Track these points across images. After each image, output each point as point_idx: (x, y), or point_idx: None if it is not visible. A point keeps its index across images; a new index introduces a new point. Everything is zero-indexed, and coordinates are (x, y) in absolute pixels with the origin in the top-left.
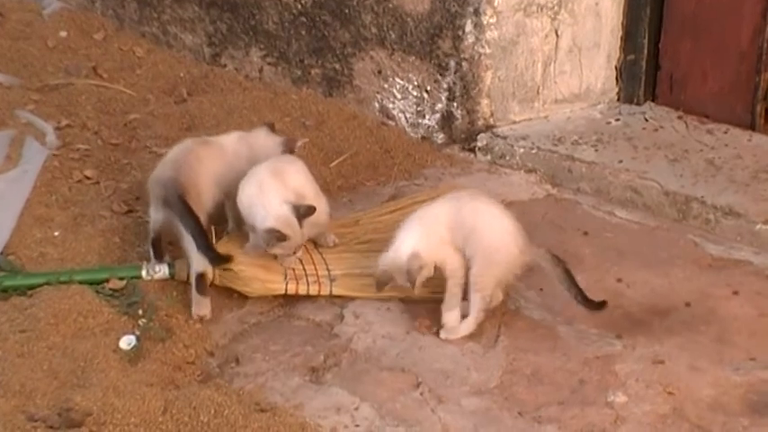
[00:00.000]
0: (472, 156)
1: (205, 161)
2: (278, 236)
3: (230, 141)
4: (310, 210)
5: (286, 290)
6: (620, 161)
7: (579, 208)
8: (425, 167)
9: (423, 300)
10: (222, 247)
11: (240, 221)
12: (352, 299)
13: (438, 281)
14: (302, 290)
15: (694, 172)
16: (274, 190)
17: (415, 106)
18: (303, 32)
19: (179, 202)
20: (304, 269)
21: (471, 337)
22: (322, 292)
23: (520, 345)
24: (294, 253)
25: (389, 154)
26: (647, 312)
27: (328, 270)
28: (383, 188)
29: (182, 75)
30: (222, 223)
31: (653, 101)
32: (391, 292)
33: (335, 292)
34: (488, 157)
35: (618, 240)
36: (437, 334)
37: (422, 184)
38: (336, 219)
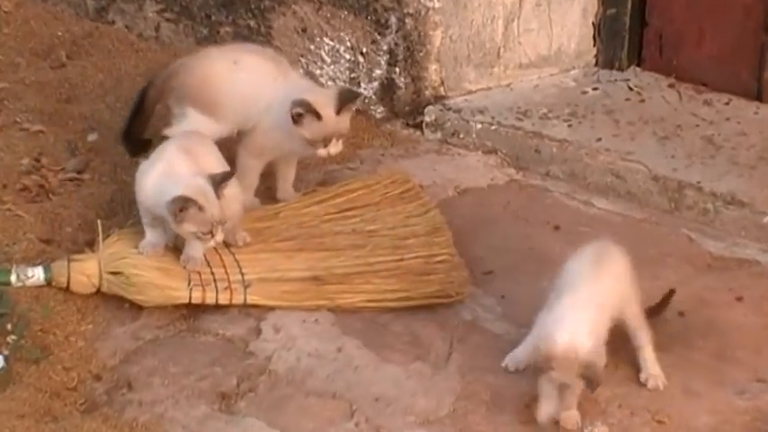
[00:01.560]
0: (418, 133)
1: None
2: (186, 204)
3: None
4: (227, 175)
5: (190, 298)
6: (599, 139)
7: (549, 196)
8: (361, 147)
9: (357, 309)
10: (111, 246)
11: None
12: (270, 309)
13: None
14: (210, 298)
15: (689, 152)
16: (186, 167)
17: (348, 72)
18: None
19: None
20: (212, 273)
21: (417, 355)
22: (234, 301)
23: (477, 363)
24: (212, 235)
25: None
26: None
27: (242, 274)
28: (309, 173)
29: (59, 33)
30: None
31: (638, 65)
32: (318, 300)
33: (250, 300)
34: (438, 134)
35: (596, 235)
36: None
37: (357, 168)
38: (251, 211)
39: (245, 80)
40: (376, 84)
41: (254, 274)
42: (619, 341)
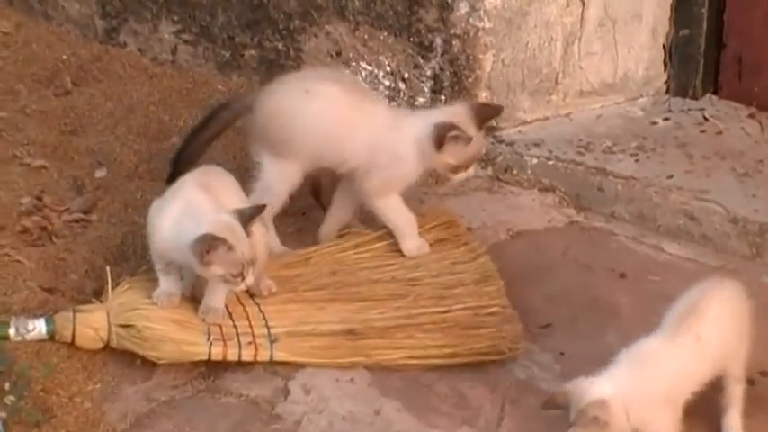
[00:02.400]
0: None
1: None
2: (214, 243)
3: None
4: (257, 210)
5: (209, 354)
6: (670, 176)
7: (614, 240)
8: None
9: (397, 367)
10: (122, 296)
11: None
12: (300, 366)
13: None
14: (232, 354)
15: None
16: (207, 204)
17: (387, 101)
18: None
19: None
20: (234, 326)
21: (464, 419)
22: (259, 358)
23: (531, 429)
24: (242, 278)
25: None
26: (711, 388)
27: (267, 327)
28: None
29: (64, 57)
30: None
31: (715, 93)
32: (354, 357)
33: (277, 357)
34: (489, 170)
35: (667, 286)
36: None
37: None
38: (278, 256)
39: (318, 112)
40: None
41: (281, 328)
42: (694, 410)
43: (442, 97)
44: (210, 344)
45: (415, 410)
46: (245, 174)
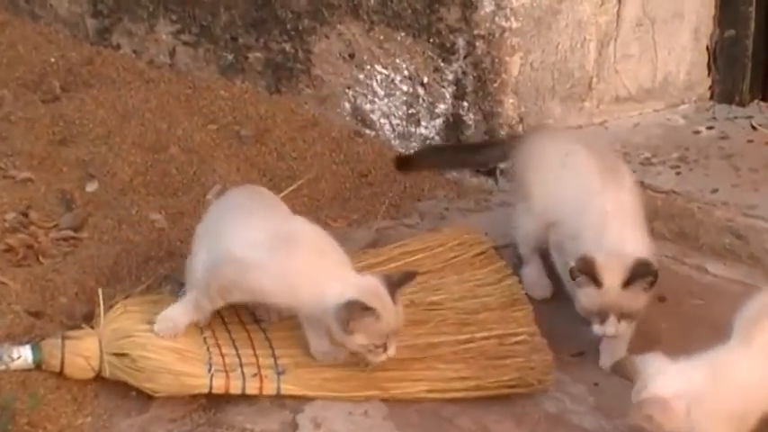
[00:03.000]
0: (491, 182)
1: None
2: (364, 313)
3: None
4: (409, 277)
5: (211, 387)
6: (715, 190)
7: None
8: (421, 199)
9: (415, 400)
10: (115, 321)
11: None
12: (309, 399)
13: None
14: (235, 387)
15: None
16: (338, 252)
17: (405, 108)
18: None
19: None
20: (238, 355)
21: None
22: (265, 391)
23: None
24: (385, 349)
25: (366, 179)
26: (760, 421)
27: (274, 357)
28: (356, 231)
29: (53, 60)
30: None
31: (763, 99)
32: (368, 390)
33: (285, 390)
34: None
35: (711, 310)
36: None
37: (416, 225)
38: None
39: (570, 182)
40: (439, 121)
41: (289, 358)
42: None
43: (465, 103)
44: (212, 376)
45: None
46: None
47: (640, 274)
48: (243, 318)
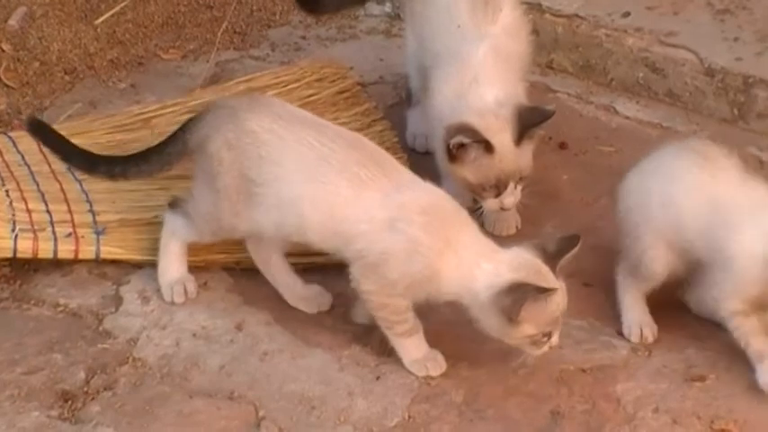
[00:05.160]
0: (357, 5)
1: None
2: (534, 296)
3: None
4: (570, 243)
5: (15, 250)
6: (626, 14)
7: (552, 99)
8: (272, 26)
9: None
10: None
11: None
12: (136, 267)
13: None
14: (45, 250)
15: (761, 32)
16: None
17: None
18: None
19: None
20: (48, 211)
21: (355, 335)
22: (81, 254)
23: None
24: (549, 337)
25: (204, 1)
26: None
27: (93, 213)
28: (193, 64)
29: None
30: None
31: None
32: (208, 254)
33: (106, 253)
34: (386, 6)
35: (621, 158)
36: None
37: (265, 57)
38: (107, 115)
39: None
40: None
41: (111, 214)
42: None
43: None
44: (16, 237)
45: (288, 324)
46: None
47: (533, 121)
48: (53, 166)
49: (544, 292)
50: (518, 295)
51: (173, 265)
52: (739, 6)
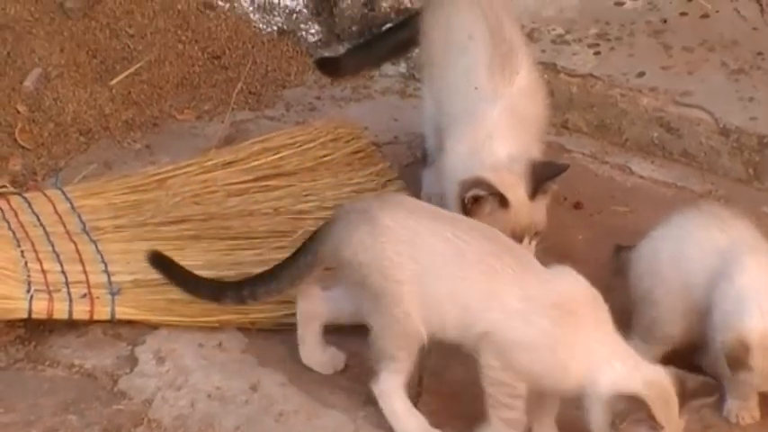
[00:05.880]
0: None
1: None
2: (643, 416)
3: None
4: (708, 388)
5: (30, 311)
6: (641, 74)
7: (567, 159)
8: (287, 86)
9: (280, 328)
10: None
11: None
12: (151, 327)
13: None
14: (60, 310)
15: None
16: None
17: None
18: None
19: None
20: (63, 272)
21: (370, 396)
22: (97, 315)
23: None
24: None
25: (219, 62)
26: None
27: (108, 274)
28: (208, 124)
29: None
30: None
31: None
32: (223, 315)
33: (121, 314)
34: (402, 66)
35: (636, 218)
36: None
37: (280, 118)
38: (121, 176)
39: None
40: None
41: (126, 275)
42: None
43: None
44: (31, 297)
45: (303, 385)
46: None
47: (547, 174)
48: (68, 227)
49: (654, 423)
50: (631, 409)
51: (410, 422)
52: (754, 66)
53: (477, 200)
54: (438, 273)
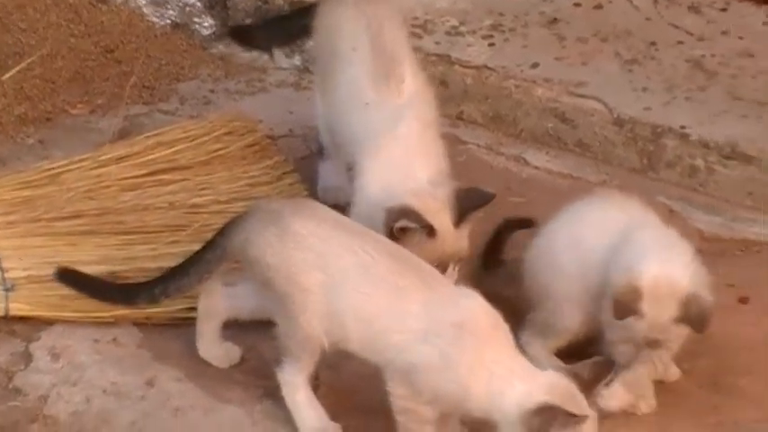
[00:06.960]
0: (266, 58)
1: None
2: (564, 419)
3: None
4: (604, 368)
5: None
6: (536, 65)
7: (463, 151)
8: (181, 79)
9: (176, 322)
10: None
11: None
12: (46, 323)
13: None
14: None
15: (668, 83)
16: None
17: None
18: None
19: None
20: None
21: (267, 390)
22: None
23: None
24: None
25: (113, 55)
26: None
27: (1, 270)
28: (102, 119)
29: None
30: None
31: None
32: (117, 310)
33: (15, 310)
34: (296, 59)
35: (533, 209)
36: None
37: (174, 111)
38: (14, 172)
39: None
40: None
41: (20, 271)
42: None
43: None
44: None
45: (199, 380)
46: None
47: (473, 204)
48: None
49: (574, 417)
50: (548, 417)
51: (310, 414)
52: (647, 56)
53: (405, 230)
54: (343, 286)
